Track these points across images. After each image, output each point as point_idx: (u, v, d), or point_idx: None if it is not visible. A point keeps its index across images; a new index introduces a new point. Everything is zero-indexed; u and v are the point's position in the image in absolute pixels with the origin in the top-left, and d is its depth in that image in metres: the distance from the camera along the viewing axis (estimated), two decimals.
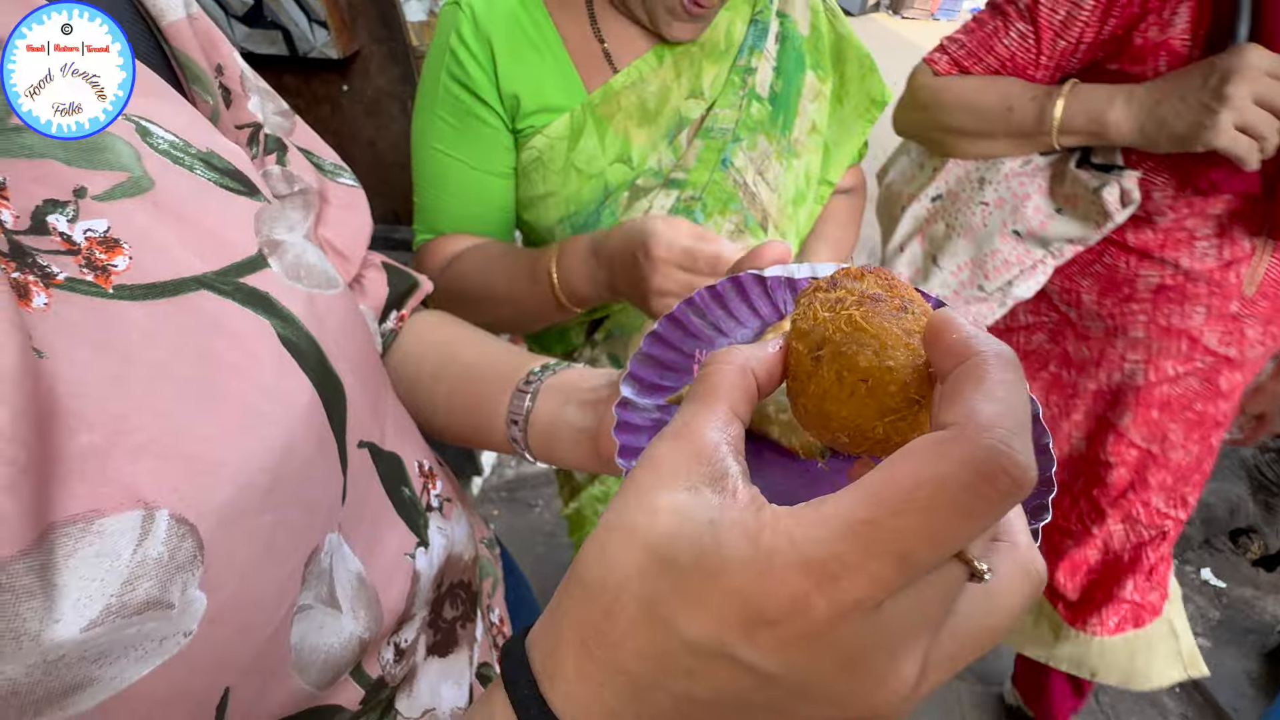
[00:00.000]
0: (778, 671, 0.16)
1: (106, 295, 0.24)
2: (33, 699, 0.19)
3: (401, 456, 0.38)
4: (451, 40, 0.64)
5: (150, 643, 0.21)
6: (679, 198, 0.70)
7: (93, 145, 0.26)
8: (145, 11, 0.32)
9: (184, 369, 0.24)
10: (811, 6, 0.75)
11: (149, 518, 0.21)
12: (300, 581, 0.28)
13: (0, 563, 0.18)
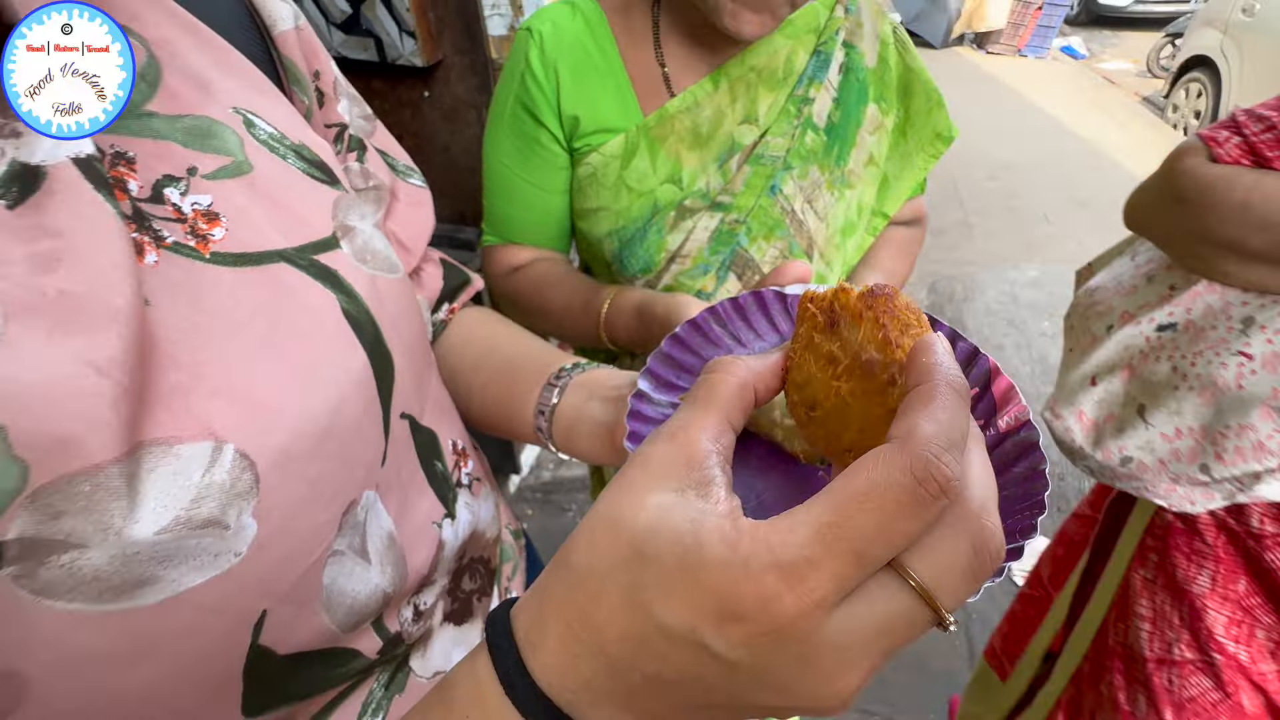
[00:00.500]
0: (741, 661, 0.17)
1: (204, 259, 0.27)
2: (110, 585, 0.22)
3: (437, 433, 0.40)
4: (521, 65, 0.67)
5: (207, 556, 0.24)
6: (724, 220, 0.70)
7: (206, 131, 0.29)
8: (259, 19, 0.36)
9: (259, 328, 0.27)
10: (881, 38, 0.74)
11: (218, 449, 0.24)
12: (337, 528, 0.30)
13: (99, 465, 0.22)
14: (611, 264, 0.72)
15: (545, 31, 0.66)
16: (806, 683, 0.17)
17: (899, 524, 0.16)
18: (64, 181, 0.23)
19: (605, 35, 0.68)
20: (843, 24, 0.71)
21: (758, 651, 0.17)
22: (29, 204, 0.22)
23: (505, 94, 0.70)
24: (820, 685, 0.17)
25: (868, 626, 0.17)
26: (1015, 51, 6.51)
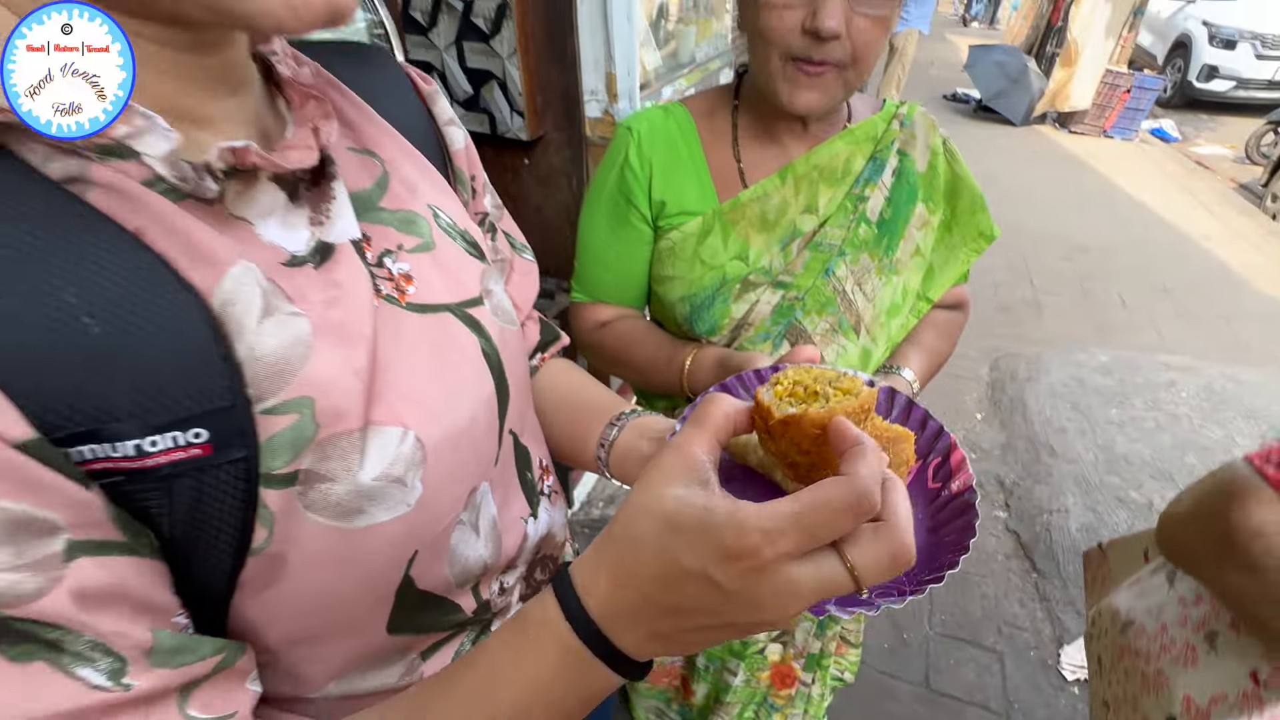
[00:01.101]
0: (734, 589, 0.27)
1: (402, 307, 0.40)
2: (343, 509, 0.34)
3: (530, 451, 0.51)
4: (621, 157, 0.81)
5: (392, 502, 0.35)
6: (784, 296, 0.80)
7: (411, 221, 0.43)
8: (443, 141, 0.51)
9: (431, 357, 0.40)
10: (932, 148, 0.84)
11: (405, 434, 0.36)
12: (464, 504, 0.41)
13: (351, 431, 0.33)
14: (682, 324, 0.83)
15: (643, 131, 0.80)
16: (771, 606, 0.28)
17: (839, 522, 0.27)
18: (344, 252, 0.37)
19: (692, 135, 0.82)
20: (897, 135, 0.82)
21: (745, 583, 0.27)
22: (325, 266, 0.36)
23: (605, 179, 0.83)
24: (778, 609, 0.28)
25: (812, 577, 0.27)
26: (1100, 132, 6.37)
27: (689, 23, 2.79)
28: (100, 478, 0.27)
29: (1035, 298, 3.46)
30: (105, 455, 0.27)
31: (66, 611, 0.25)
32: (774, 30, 0.68)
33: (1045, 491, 2.18)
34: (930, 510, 0.42)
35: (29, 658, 0.24)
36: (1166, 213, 4.59)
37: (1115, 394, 2.64)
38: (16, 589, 0.24)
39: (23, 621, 0.24)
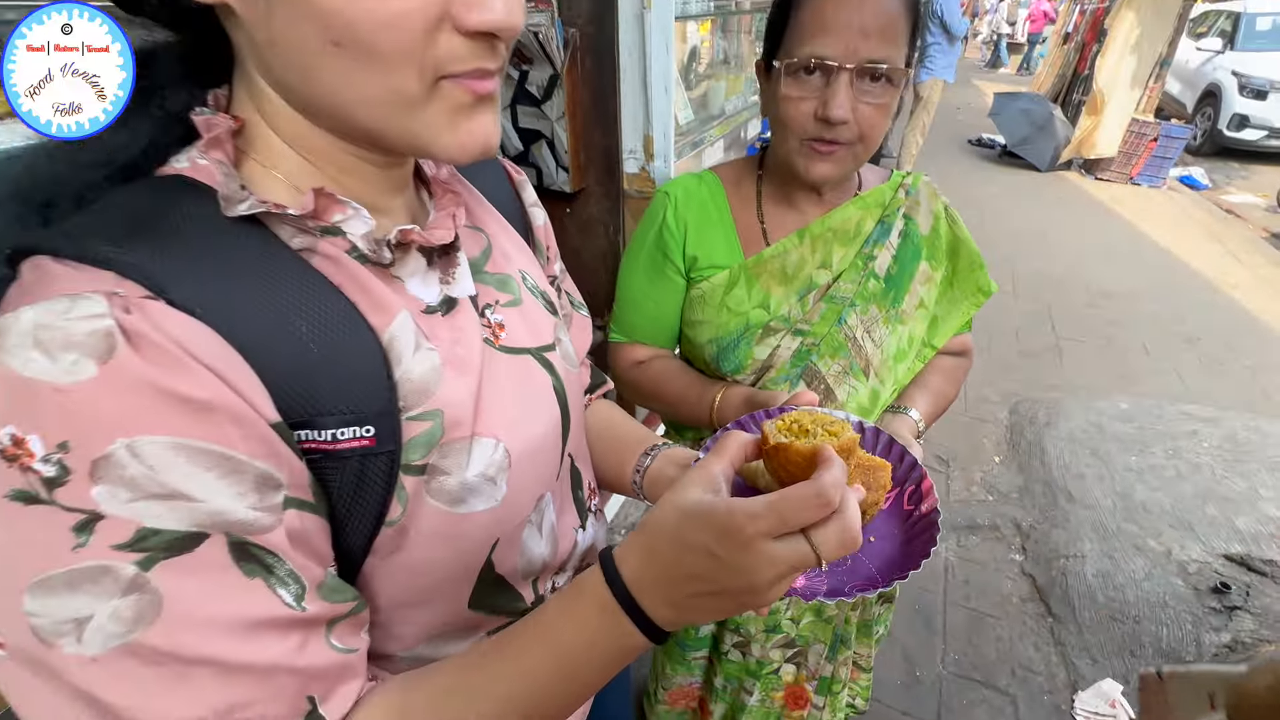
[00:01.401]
0: (726, 559, 0.37)
1: (496, 349, 0.51)
2: (451, 497, 0.44)
3: (582, 472, 0.62)
4: (660, 218, 0.93)
5: (485, 496, 0.46)
6: (802, 342, 0.91)
7: (506, 283, 0.55)
8: (529, 219, 0.65)
9: (516, 389, 0.51)
10: (935, 213, 0.96)
11: (497, 445, 0.47)
12: (533, 507, 0.52)
13: (464, 438, 0.44)
14: (710, 364, 0.94)
15: (679, 195, 0.93)
16: (754, 572, 0.36)
17: (804, 511, 0.36)
18: (463, 305, 0.48)
19: (721, 199, 0.94)
20: (903, 202, 0.94)
21: (734, 554, 0.36)
22: (450, 315, 0.47)
23: (644, 236, 0.96)
24: (760, 575, 0.36)
25: (787, 551, 0.36)
26: (1127, 179, 6.40)
27: (719, 78, 2.98)
28: (306, 455, 0.38)
29: (1057, 343, 3.49)
30: (313, 439, 0.38)
31: (282, 545, 0.35)
32: (792, 118, 0.80)
33: (1062, 536, 2.21)
34: (904, 527, 0.52)
35: (253, 574, 0.34)
36: (1194, 260, 4.59)
37: (1135, 441, 2.66)
38: (258, 523, 0.34)
39: (256, 547, 0.34)
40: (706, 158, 2.63)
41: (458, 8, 0.35)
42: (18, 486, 0.29)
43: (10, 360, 0.29)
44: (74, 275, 0.32)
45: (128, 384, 0.30)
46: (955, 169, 6.83)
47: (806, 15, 0.76)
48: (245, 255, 0.37)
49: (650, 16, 1.39)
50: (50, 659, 0.30)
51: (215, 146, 0.39)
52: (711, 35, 3.09)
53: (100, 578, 0.30)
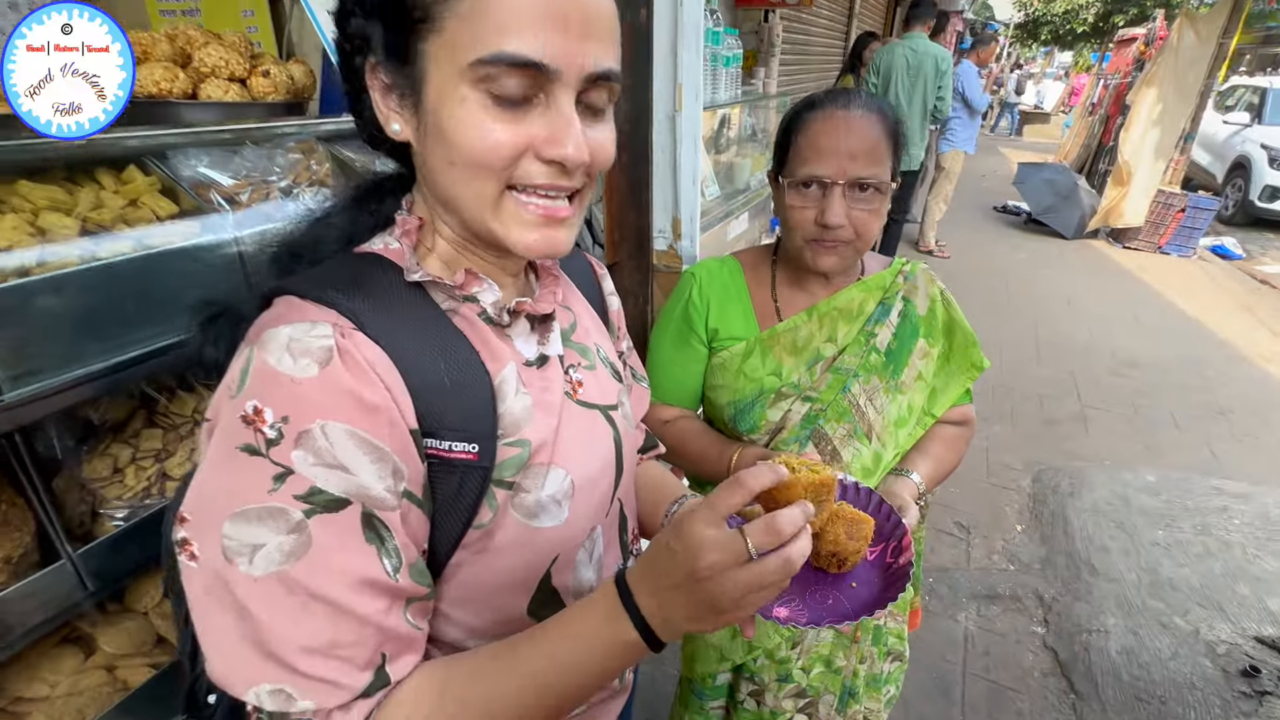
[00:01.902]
0: (678, 549, 0.46)
1: (573, 400, 0.62)
2: (527, 511, 0.54)
3: (628, 517, 0.72)
4: (686, 295, 1.08)
5: (552, 516, 0.56)
6: (810, 407, 1.02)
7: (584, 350, 0.66)
8: (606, 304, 0.78)
9: (584, 435, 0.62)
10: (931, 296, 1.08)
11: (566, 475, 0.57)
12: (586, 535, 0.62)
13: (544, 464, 0.55)
14: (728, 424, 1.06)
15: (703, 276, 1.08)
16: (696, 558, 0.44)
17: (729, 499, 0.46)
18: (553, 362, 0.60)
19: (740, 280, 1.08)
20: (902, 286, 1.06)
21: (677, 541, 0.45)
22: (542, 369, 0.58)
23: (672, 309, 1.10)
24: (700, 559, 0.44)
25: (723, 538, 0.44)
26: (1155, 248, 6.42)
27: (745, 156, 3.19)
28: (426, 459, 0.49)
29: (1082, 411, 3.49)
30: (435, 446, 0.49)
31: (396, 523, 0.46)
32: (797, 223, 0.95)
33: (1085, 610, 2.19)
34: (883, 576, 0.62)
35: (370, 541, 0.44)
36: (1225, 331, 4.55)
37: (1162, 515, 2.63)
38: (385, 502, 0.45)
39: (378, 520, 0.45)
40: (732, 228, 2.81)
41: (539, 144, 0.48)
42: (248, 442, 0.42)
43: (268, 357, 0.43)
44: (314, 310, 0.47)
45: (333, 384, 0.44)
46: (981, 235, 6.94)
47: (804, 142, 0.92)
48: (413, 310, 0.52)
49: (681, 119, 1.58)
50: (227, 573, 0.42)
51: (405, 237, 0.55)
52: (740, 112, 3.33)
53: (278, 516, 0.42)
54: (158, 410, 0.93)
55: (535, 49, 0.44)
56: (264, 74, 1.23)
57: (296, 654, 0.43)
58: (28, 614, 0.80)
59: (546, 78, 0.46)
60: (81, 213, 0.79)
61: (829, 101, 0.92)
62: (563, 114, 0.47)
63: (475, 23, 0.44)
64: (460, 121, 0.46)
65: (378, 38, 0.48)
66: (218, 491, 0.43)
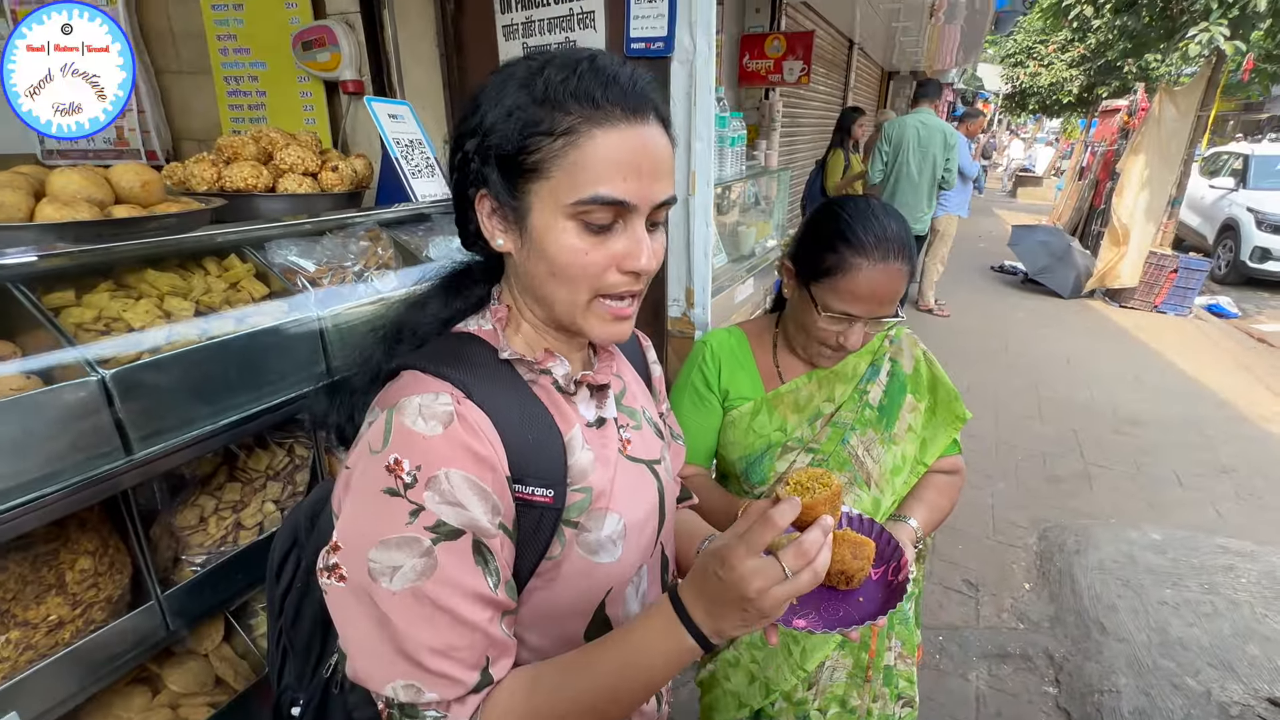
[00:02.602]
0: (725, 578, 0.54)
1: (624, 456, 0.70)
2: (591, 549, 0.64)
3: (669, 559, 0.81)
4: (699, 360, 1.20)
5: (609, 554, 0.65)
6: (813, 458, 1.13)
7: (633, 412, 0.77)
8: (650, 372, 0.89)
9: (633, 486, 0.71)
10: (915, 357, 1.20)
11: (619, 519, 0.66)
12: (634, 571, 0.70)
13: (601, 509, 0.65)
14: (739, 477, 1.17)
15: (714, 343, 1.21)
16: (744, 585, 0.52)
17: (763, 534, 0.53)
18: (609, 424, 0.69)
19: (745, 347, 1.21)
20: (889, 349, 1.19)
21: (726, 573, 0.52)
22: (600, 429, 0.68)
23: (689, 372, 1.22)
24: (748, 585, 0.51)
25: (763, 566, 0.52)
26: (1151, 307, 6.58)
27: (749, 224, 3.40)
28: (515, 500, 0.59)
29: (1086, 470, 3.54)
30: (521, 491, 0.59)
31: (496, 549, 0.56)
32: (816, 335, 1.07)
33: (1096, 670, 2.20)
34: (886, 591, 0.73)
35: (479, 563, 0.54)
36: (1225, 390, 4.62)
37: (1169, 574, 2.65)
38: (489, 532, 0.55)
39: (484, 547, 0.55)
40: (739, 293, 2.97)
41: (621, 259, 0.59)
42: (390, 485, 0.53)
43: (405, 420, 0.54)
44: (434, 382, 0.58)
45: (455, 440, 0.55)
46: (980, 295, 7.14)
47: (844, 283, 1.01)
48: (504, 381, 0.62)
49: (694, 201, 1.76)
50: (372, 590, 0.52)
51: (498, 322, 0.66)
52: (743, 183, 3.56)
53: (413, 544, 0.52)
54: (238, 465, 1.05)
55: (621, 191, 0.56)
56: (333, 169, 1.42)
57: (426, 654, 0.53)
58: (119, 650, 0.90)
59: (627, 210, 0.58)
60: (195, 296, 0.93)
61: (875, 249, 0.99)
62: (637, 235, 0.59)
63: (576, 174, 0.56)
64: (562, 246, 0.58)
65: (493, 179, 0.60)
66: (365, 525, 0.54)
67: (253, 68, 2.16)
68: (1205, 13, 6.36)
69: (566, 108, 0.56)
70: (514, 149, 0.57)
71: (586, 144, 0.56)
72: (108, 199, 0.97)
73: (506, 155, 0.58)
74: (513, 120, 0.57)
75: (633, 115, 0.57)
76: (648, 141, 0.58)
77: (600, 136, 0.56)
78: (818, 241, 1.05)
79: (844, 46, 7.43)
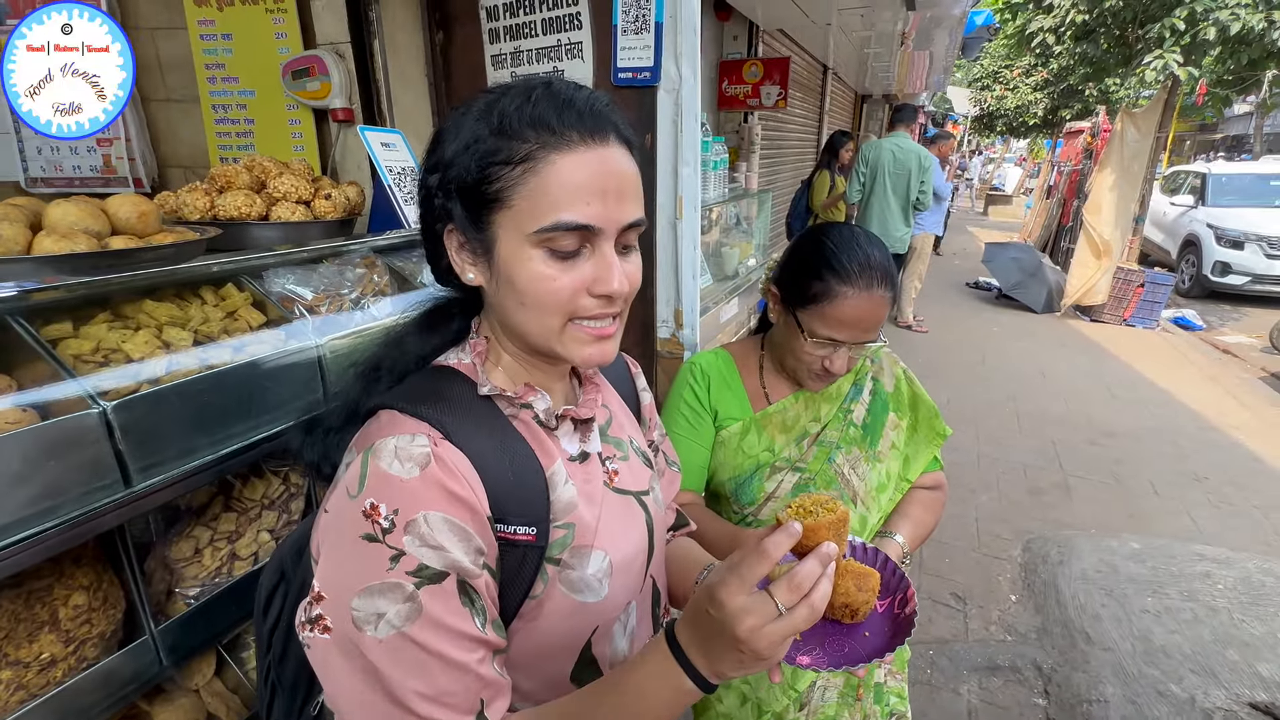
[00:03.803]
0: (715, 615, 0.51)
1: (610, 488, 0.70)
2: (572, 586, 0.63)
3: (660, 592, 0.79)
4: (688, 381, 1.22)
5: (594, 592, 0.64)
6: (800, 477, 1.15)
7: (619, 443, 0.77)
8: (640, 400, 0.89)
9: (620, 519, 0.71)
10: (895, 375, 1.23)
11: (605, 556, 0.65)
12: (622, 609, 0.69)
13: (589, 546, 0.64)
14: (729, 497, 1.18)
15: (701, 364, 1.23)
16: (736, 623, 0.49)
17: (756, 567, 0.51)
18: (593, 457, 0.68)
19: (732, 369, 1.23)
20: (870, 369, 1.22)
21: (717, 610, 0.50)
22: (584, 463, 0.67)
23: (678, 393, 1.23)
24: (740, 623, 0.49)
25: (755, 603, 0.49)
26: (1120, 321, 6.78)
27: (733, 245, 3.47)
28: (498, 539, 0.58)
29: (1065, 480, 3.62)
30: (504, 530, 0.58)
31: (481, 589, 0.54)
32: (804, 359, 1.09)
33: (1084, 680, 2.23)
34: (891, 626, 0.72)
35: (465, 604, 0.53)
36: (1193, 401, 4.77)
37: (1149, 583, 2.71)
38: (474, 572, 0.54)
39: (470, 587, 0.54)
40: (724, 312, 3.02)
41: (590, 284, 0.58)
42: (368, 531, 0.51)
43: (380, 463, 0.53)
44: (410, 423, 0.57)
45: (432, 482, 0.53)
46: (956, 310, 7.30)
47: (831, 311, 1.04)
48: (484, 418, 0.62)
49: (681, 224, 1.80)
50: (358, 639, 0.50)
51: (477, 357, 0.65)
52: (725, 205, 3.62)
53: (395, 590, 0.51)
54: (233, 495, 1.04)
55: (584, 216, 0.56)
56: (326, 197, 1.43)
57: (418, 701, 0.51)
58: (112, 688, 0.88)
59: (593, 234, 0.57)
60: (194, 326, 0.94)
61: (860, 276, 1.01)
62: (606, 259, 0.58)
63: (537, 200, 0.55)
64: (529, 274, 0.57)
65: (457, 213, 0.59)
66: (345, 573, 0.52)
67: (241, 96, 2.17)
68: (1159, 41, 6.69)
69: (523, 135, 0.56)
70: (474, 180, 0.57)
71: (546, 169, 0.55)
72: (104, 230, 0.97)
73: (468, 187, 0.58)
74: (470, 152, 0.57)
75: (591, 137, 0.57)
76: (610, 163, 0.57)
77: (559, 161, 0.55)
78: (804, 268, 1.07)
79: (819, 71, 7.65)
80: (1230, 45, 6.61)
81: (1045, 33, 8.92)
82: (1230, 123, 20.47)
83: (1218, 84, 8.12)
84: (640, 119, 1.78)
